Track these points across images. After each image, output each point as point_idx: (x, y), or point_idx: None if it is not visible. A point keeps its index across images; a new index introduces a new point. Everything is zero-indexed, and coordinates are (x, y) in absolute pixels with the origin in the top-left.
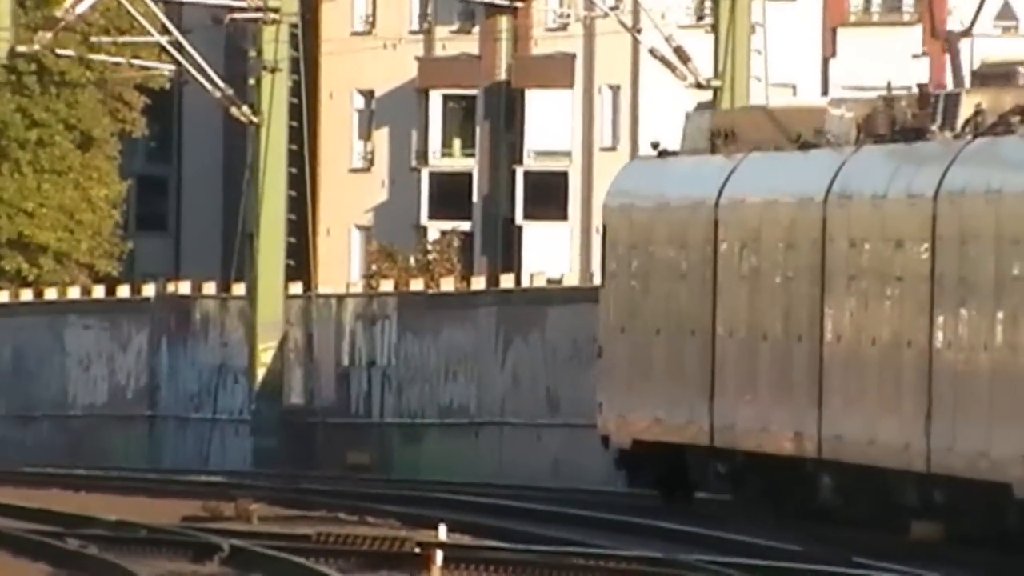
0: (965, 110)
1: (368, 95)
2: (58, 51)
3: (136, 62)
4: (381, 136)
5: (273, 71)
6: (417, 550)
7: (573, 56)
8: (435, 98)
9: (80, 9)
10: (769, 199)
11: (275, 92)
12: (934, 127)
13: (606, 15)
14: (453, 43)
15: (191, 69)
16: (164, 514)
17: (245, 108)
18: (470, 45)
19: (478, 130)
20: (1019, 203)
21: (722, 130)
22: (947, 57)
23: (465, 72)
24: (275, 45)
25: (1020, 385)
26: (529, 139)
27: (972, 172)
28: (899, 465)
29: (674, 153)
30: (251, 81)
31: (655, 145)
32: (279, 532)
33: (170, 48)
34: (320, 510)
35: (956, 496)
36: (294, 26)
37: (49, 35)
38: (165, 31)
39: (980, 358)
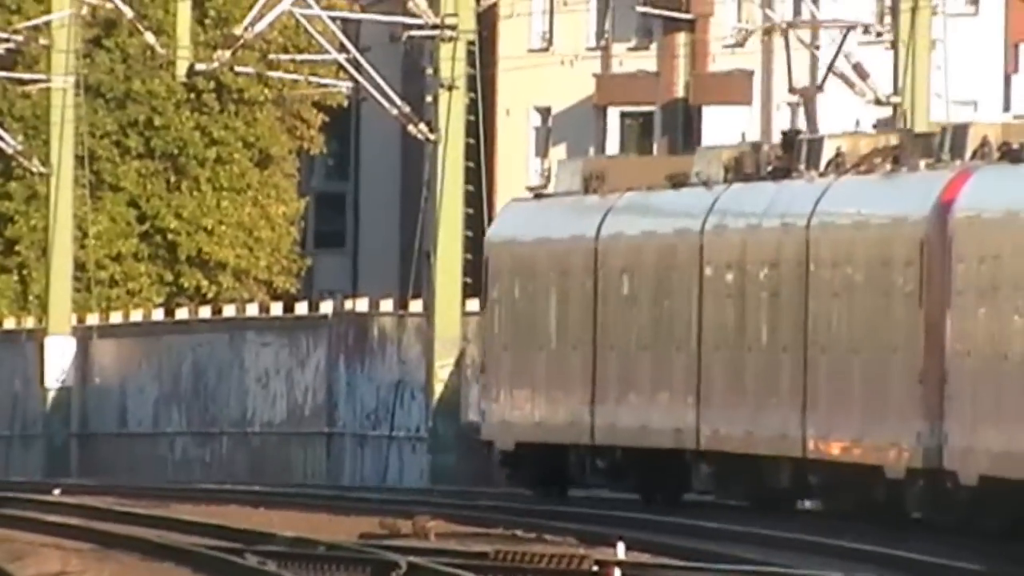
0: (827, 152)
1: (545, 112)
2: (237, 69)
3: (314, 80)
4: (558, 153)
5: (450, 88)
6: (595, 568)
7: (751, 72)
8: (612, 115)
9: (259, 27)
10: (648, 230)
11: (452, 109)
12: (800, 167)
13: (785, 31)
14: (630, 60)
15: (368, 87)
16: (342, 531)
17: (422, 125)
18: (647, 62)
19: (655, 147)
20: (884, 231)
21: (594, 174)
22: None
23: (642, 89)
24: (452, 62)
25: (888, 382)
26: None
27: (841, 204)
28: (778, 452)
29: (549, 195)
30: (428, 98)
31: (531, 189)
32: (456, 549)
33: (348, 66)
34: (497, 527)
35: (831, 478)
36: (471, 43)
37: (228, 53)
38: (343, 49)
39: (851, 360)
